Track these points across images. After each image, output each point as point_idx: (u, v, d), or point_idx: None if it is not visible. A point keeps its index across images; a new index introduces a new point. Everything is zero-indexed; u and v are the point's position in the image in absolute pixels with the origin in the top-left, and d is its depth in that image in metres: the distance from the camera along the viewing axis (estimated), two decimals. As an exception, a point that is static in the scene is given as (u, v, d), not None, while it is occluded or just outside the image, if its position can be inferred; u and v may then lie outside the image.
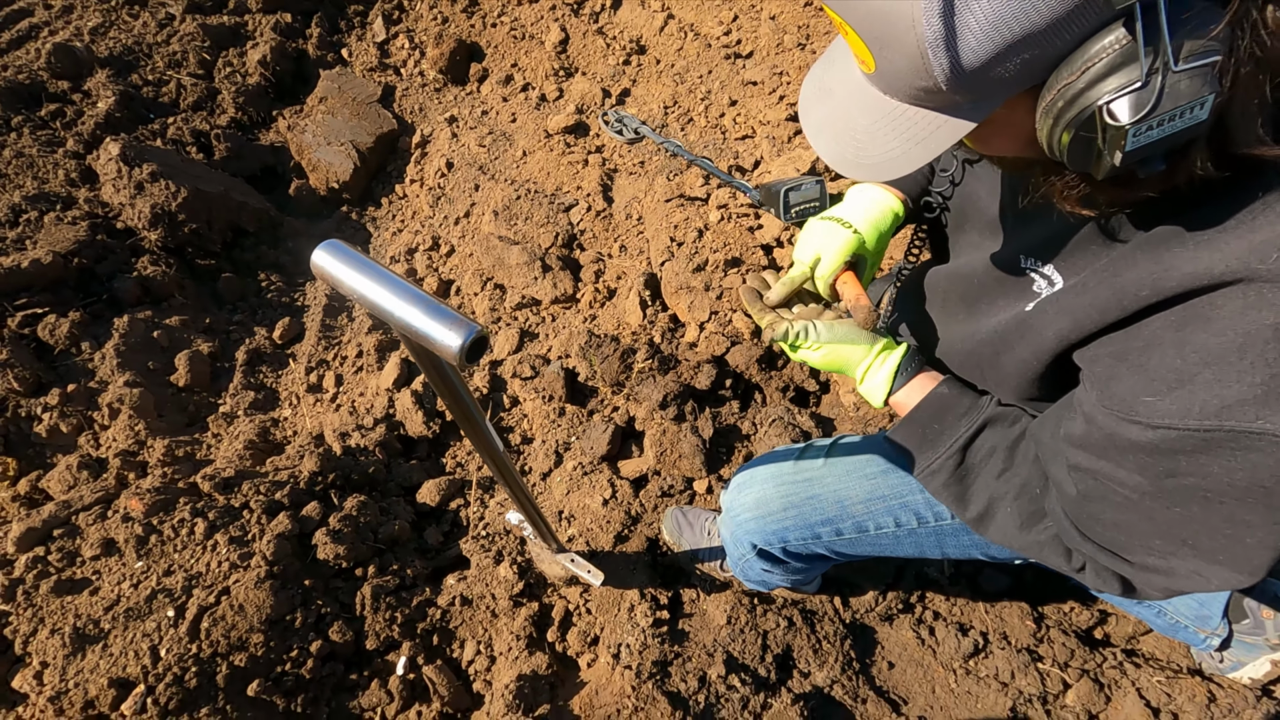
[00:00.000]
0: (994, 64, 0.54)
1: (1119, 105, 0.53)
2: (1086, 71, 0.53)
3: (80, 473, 2.08)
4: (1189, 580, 0.74)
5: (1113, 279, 0.69)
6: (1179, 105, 0.51)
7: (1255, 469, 0.61)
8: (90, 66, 3.31)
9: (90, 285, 2.63)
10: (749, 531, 1.31)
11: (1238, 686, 1.46)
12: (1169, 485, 0.68)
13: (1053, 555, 0.87)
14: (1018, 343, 0.82)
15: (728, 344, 2.11)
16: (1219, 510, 0.67)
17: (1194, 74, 0.50)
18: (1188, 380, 0.63)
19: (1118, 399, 0.69)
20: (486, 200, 2.93)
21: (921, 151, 0.64)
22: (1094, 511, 0.78)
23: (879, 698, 1.54)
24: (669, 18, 3.36)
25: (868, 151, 0.67)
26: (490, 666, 1.65)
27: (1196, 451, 0.64)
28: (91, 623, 1.56)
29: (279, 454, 2.21)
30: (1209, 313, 0.61)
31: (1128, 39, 0.50)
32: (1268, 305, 0.58)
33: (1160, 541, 0.74)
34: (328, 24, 3.80)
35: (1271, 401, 0.58)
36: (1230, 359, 0.60)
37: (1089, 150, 0.57)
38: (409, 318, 0.64)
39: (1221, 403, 0.61)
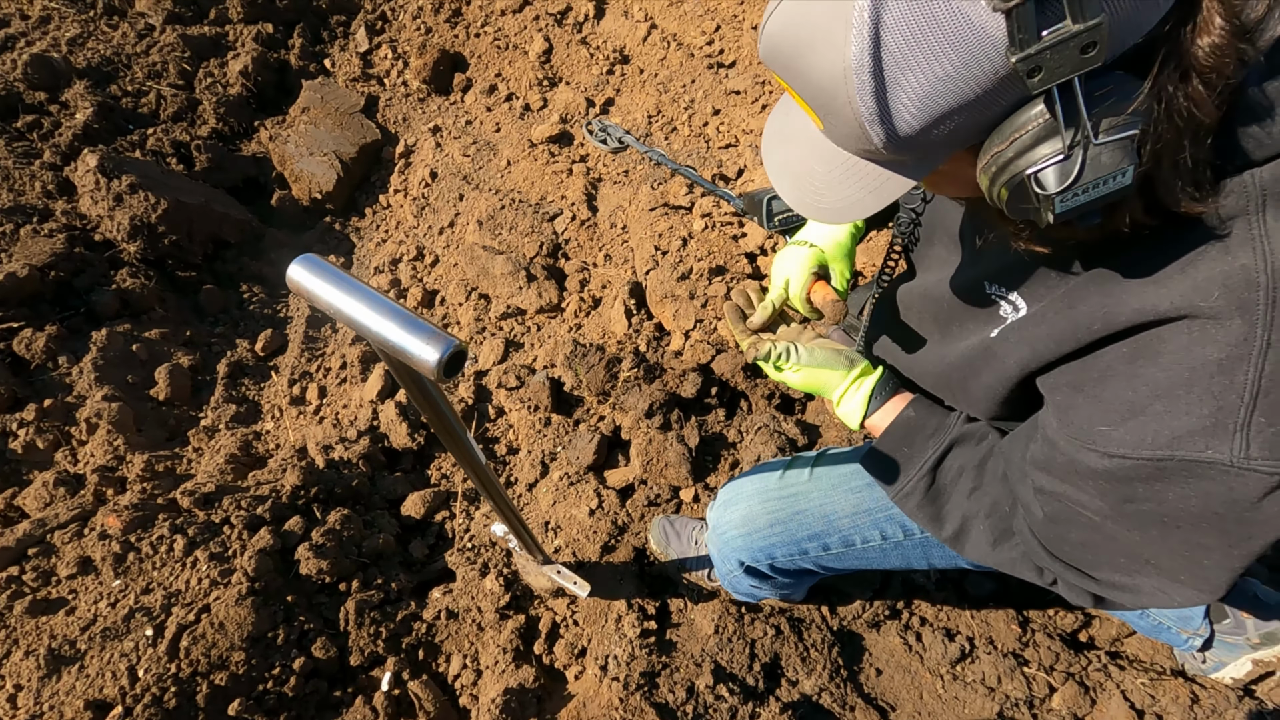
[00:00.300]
0: (928, 130, 0.57)
1: (1045, 175, 0.55)
2: (1015, 141, 0.55)
3: (57, 489, 2.04)
4: (1154, 597, 0.77)
5: (1068, 310, 0.71)
6: (1101, 175, 0.54)
7: (1207, 496, 0.64)
8: (68, 77, 3.27)
9: (68, 298, 2.59)
10: (736, 549, 1.31)
11: (1220, 687, 1.47)
12: (1128, 510, 0.71)
13: (1025, 570, 0.90)
14: (983, 369, 0.84)
15: (713, 352, 2.11)
16: (1177, 534, 0.69)
17: (1114, 146, 0.53)
18: (1140, 411, 0.65)
19: (1076, 427, 0.72)
20: (471, 210, 2.93)
21: (874, 200, 0.67)
22: (1060, 532, 0.80)
23: (867, 705, 1.54)
24: (652, 28, 3.38)
25: (826, 197, 0.70)
26: (477, 680, 1.63)
27: (1151, 479, 0.67)
28: (67, 643, 1.53)
29: (261, 468, 2.19)
30: (1158, 346, 0.64)
31: (1049, 115, 0.53)
32: (1211, 341, 0.60)
33: (1125, 560, 0.76)
34: (310, 34, 3.78)
35: (1219, 432, 0.61)
36: (1178, 392, 0.63)
37: (1025, 208, 0.59)
38: (385, 332, 0.63)
39: (1172, 433, 0.63)
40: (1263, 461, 0.60)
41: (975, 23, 0.50)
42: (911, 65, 0.53)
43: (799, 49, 0.58)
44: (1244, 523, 0.65)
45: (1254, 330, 0.58)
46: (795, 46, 0.58)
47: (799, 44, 0.57)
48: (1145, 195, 0.59)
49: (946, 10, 0.50)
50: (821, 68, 0.56)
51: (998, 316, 0.83)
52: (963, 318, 0.90)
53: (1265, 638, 1.37)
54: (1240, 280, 0.59)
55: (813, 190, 0.70)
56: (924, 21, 0.51)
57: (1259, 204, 0.58)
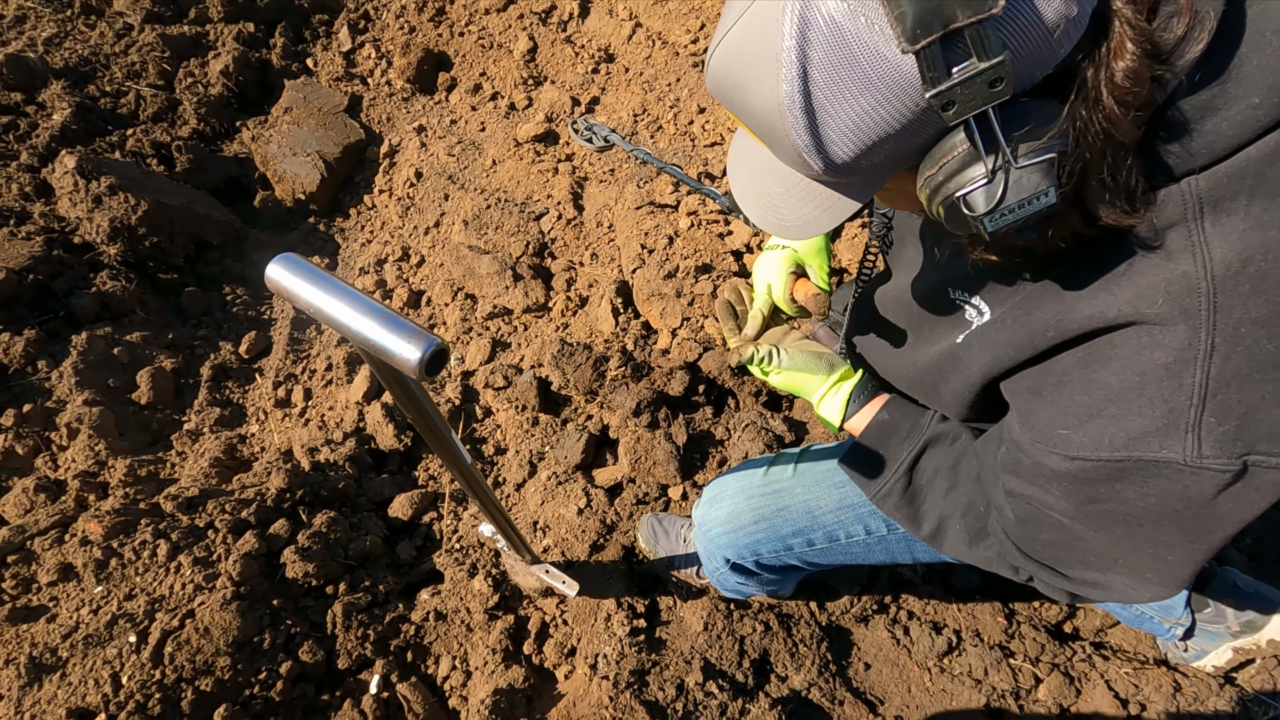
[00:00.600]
0: (863, 158, 0.60)
1: (973, 197, 0.58)
2: (943, 166, 0.58)
3: (38, 495, 2.01)
4: (1124, 593, 0.80)
5: (1025, 317, 0.73)
6: (1024, 196, 0.57)
7: (1165, 494, 0.66)
8: (45, 78, 3.22)
9: (46, 302, 2.55)
10: (721, 546, 1.31)
11: (1202, 675, 1.50)
12: (1092, 510, 0.73)
13: (1001, 568, 0.92)
14: (950, 373, 0.87)
15: (700, 350, 2.11)
16: (1140, 532, 0.72)
17: (1035, 169, 0.56)
18: (1096, 415, 0.67)
19: (1037, 431, 0.74)
20: (456, 210, 2.91)
21: (829, 218, 0.70)
22: (1032, 533, 0.83)
23: (856, 699, 1.55)
24: (637, 26, 3.37)
25: (785, 215, 0.73)
26: (466, 682, 1.63)
27: (1111, 480, 0.69)
28: (49, 651, 1.51)
29: (246, 471, 2.17)
30: (1109, 352, 0.66)
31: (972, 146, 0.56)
32: (1158, 346, 0.63)
33: (1095, 559, 0.79)
34: (292, 33, 3.75)
35: (1172, 432, 0.63)
36: (1130, 395, 0.65)
37: (965, 225, 0.62)
38: (367, 331, 0.63)
39: (1128, 435, 0.65)
40: (1214, 460, 0.62)
41: (892, 61, 0.52)
42: (838, 100, 0.56)
43: (738, 85, 0.61)
44: (1201, 519, 0.67)
45: (1198, 335, 0.60)
46: (735, 83, 0.61)
47: (738, 81, 0.61)
48: (1078, 210, 0.61)
49: (865, 50, 0.53)
50: (758, 102, 0.60)
51: (964, 321, 0.85)
52: (932, 322, 0.92)
53: (1245, 626, 1.39)
54: (1182, 287, 0.60)
55: (773, 209, 0.74)
56: (846, 61, 0.54)
57: (1196, 212, 0.60)
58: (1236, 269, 0.59)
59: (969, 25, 0.49)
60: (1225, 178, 0.59)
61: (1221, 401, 0.61)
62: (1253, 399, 0.60)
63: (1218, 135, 0.58)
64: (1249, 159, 0.58)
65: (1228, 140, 0.58)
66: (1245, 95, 0.56)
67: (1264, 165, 0.58)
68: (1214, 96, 0.57)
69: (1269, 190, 0.58)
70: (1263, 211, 0.58)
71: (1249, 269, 0.58)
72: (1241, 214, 0.59)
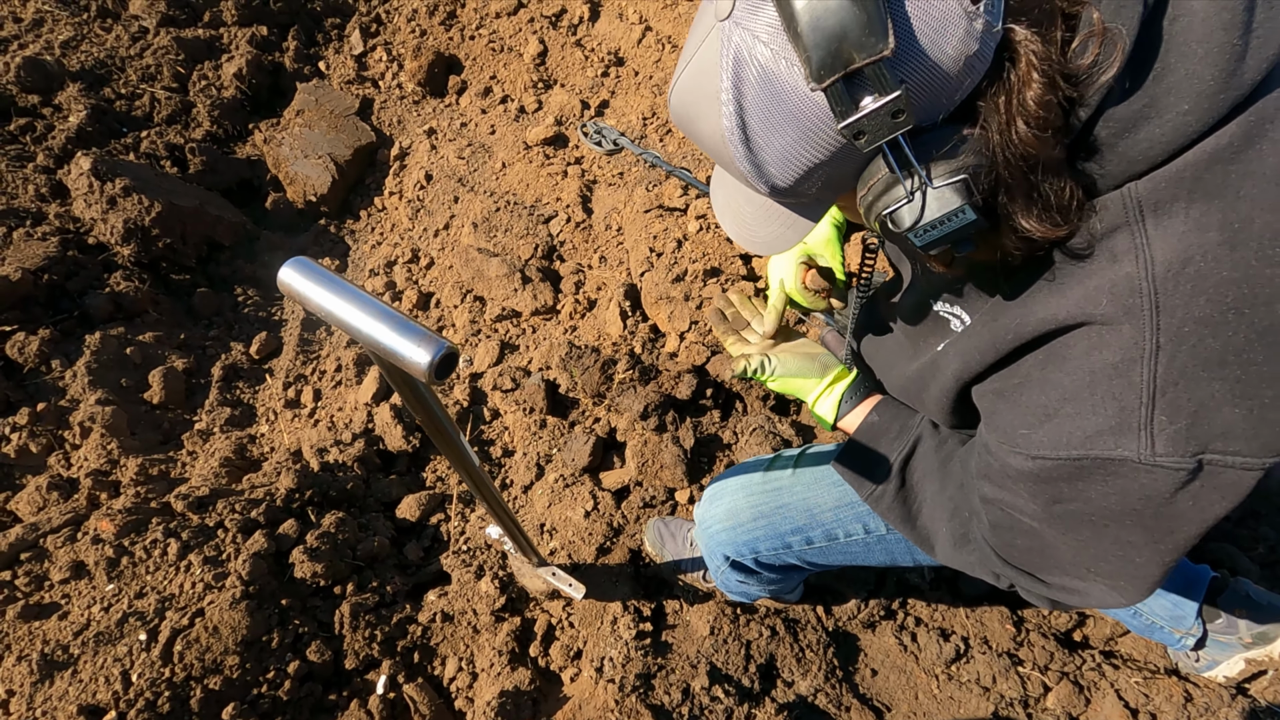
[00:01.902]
0: (801, 184, 0.67)
1: (897, 215, 0.63)
2: (871, 188, 0.64)
3: (50, 494, 2.03)
4: (1101, 598, 0.80)
5: (991, 323, 0.75)
6: (943, 214, 0.61)
7: (1125, 493, 0.67)
8: (61, 80, 3.26)
9: (61, 302, 2.58)
10: (721, 543, 1.32)
11: (1214, 685, 1.48)
12: (1058, 511, 0.74)
13: (983, 574, 0.93)
14: (932, 381, 0.88)
15: (708, 353, 2.11)
16: (1106, 533, 0.73)
17: (950, 189, 0.60)
18: (1053, 414, 0.69)
19: (1001, 432, 0.76)
20: (466, 212, 2.93)
21: (792, 233, 0.76)
22: (1008, 539, 0.84)
23: (862, 705, 1.54)
24: (646, 30, 3.38)
25: (756, 232, 0.79)
26: (472, 683, 1.63)
27: (1073, 479, 0.70)
28: (60, 648, 1.52)
29: (256, 471, 2.18)
30: (1063, 353, 0.68)
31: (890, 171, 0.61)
32: (1106, 345, 0.64)
33: (1070, 565, 0.80)
34: (304, 37, 3.78)
35: (1125, 431, 0.64)
36: (1083, 395, 0.66)
37: (905, 242, 0.66)
38: (377, 334, 0.63)
39: (1084, 434, 0.66)
40: (1168, 458, 0.63)
41: (810, 98, 0.58)
42: (770, 132, 0.62)
43: (691, 118, 0.68)
44: (1162, 518, 0.68)
45: (1143, 334, 0.62)
46: (689, 116, 0.68)
47: (690, 115, 0.68)
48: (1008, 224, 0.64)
49: (788, 89, 0.59)
50: (707, 133, 0.67)
51: (949, 331, 0.87)
52: (923, 332, 0.94)
53: (1258, 637, 1.38)
54: (1125, 288, 0.62)
55: (746, 226, 0.80)
56: (773, 98, 0.60)
57: (1137, 215, 0.62)
58: (1177, 269, 0.60)
59: (865, 65, 0.53)
60: (1164, 182, 0.61)
61: (1171, 400, 0.62)
62: (1202, 397, 0.61)
63: (1153, 142, 0.60)
64: (1186, 164, 0.60)
65: (1164, 146, 0.60)
66: (1175, 103, 0.58)
67: (1200, 169, 0.59)
68: (1145, 105, 0.59)
69: (1207, 193, 0.59)
70: (1201, 214, 0.59)
71: (1189, 269, 0.60)
72: (1181, 216, 0.60)
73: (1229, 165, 0.59)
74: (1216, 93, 0.57)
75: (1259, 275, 0.58)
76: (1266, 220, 0.58)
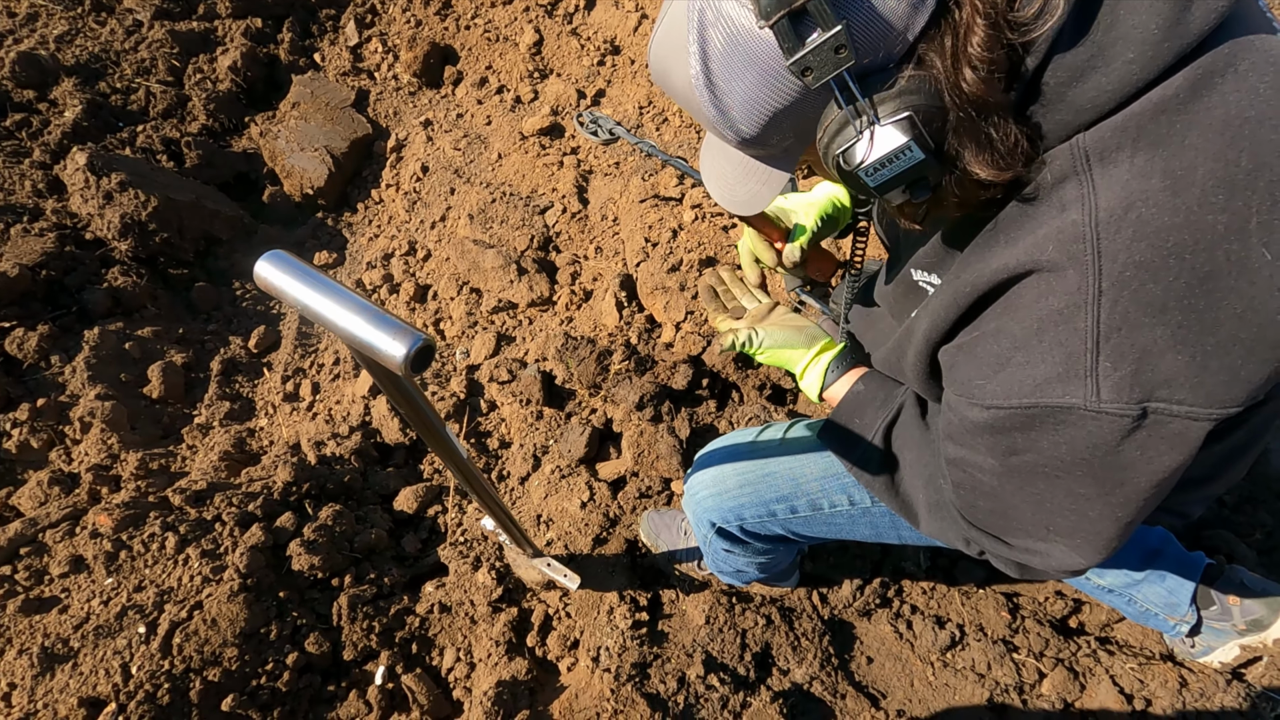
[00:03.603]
0: (768, 132, 0.70)
1: (849, 154, 0.66)
2: (826, 129, 0.67)
3: (51, 489, 2.05)
4: (1062, 558, 0.81)
5: (955, 280, 0.76)
6: (891, 150, 0.64)
7: (1073, 442, 0.69)
8: (56, 75, 3.25)
9: (59, 297, 2.59)
10: (707, 509, 1.32)
11: (1208, 671, 1.48)
12: (1014, 464, 0.76)
13: (955, 540, 0.94)
14: (908, 347, 0.89)
15: (704, 343, 2.11)
16: (1059, 485, 0.74)
17: (896, 125, 0.63)
18: (1005, 364, 0.70)
19: (959, 384, 0.77)
20: (462, 204, 2.92)
21: (768, 190, 0.79)
22: (970, 499, 0.86)
23: (858, 693, 1.55)
24: (643, 18, 3.35)
25: (736, 191, 0.82)
26: (470, 673, 1.64)
27: (1026, 428, 0.71)
28: (60, 641, 1.54)
29: (255, 465, 2.19)
30: (1015, 302, 0.69)
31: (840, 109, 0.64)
32: (1052, 292, 0.65)
33: (1030, 525, 0.81)
34: (299, 28, 3.76)
35: (1072, 378, 0.65)
36: (1032, 343, 0.67)
37: (861, 186, 0.69)
38: (352, 328, 0.63)
39: (1034, 381, 0.68)
40: (1112, 404, 0.64)
41: (761, 38, 0.62)
42: (731, 77, 0.66)
43: (666, 71, 0.71)
44: (1110, 467, 0.69)
45: (1086, 280, 0.63)
46: (663, 69, 0.72)
47: (664, 64, 0.71)
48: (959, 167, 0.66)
49: (743, 31, 0.62)
50: (678, 83, 0.70)
51: (924, 297, 0.89)
52: (904, 304, 0.95)
53: (1251, 624, 1.37)
54: (1070, 234, 0.63)
55: (727, 185, 0.83)
56: (732, 42, 0.63)
57: (1084, 165, 0.63)
58: (1119, 215, 0.61)
59: (808, 1, 0.56)
60: (1109, 131, 0.62)
61: (1115, 346, 0.63)
62: (1145, 342, 0.62)
63: (1099, 91, 0.61)
64: (1131, 114, 0.61)
65: (1110, 95, 0.61)
66: (1121, 52, 0.60)
67: (1145, 119, 0.61)
68: (1093, 55, 0.61)
69: (1150, 142, 0.61)
70: (1145, 162, 0.61)
71: (1130, 214, 0.61)
72: (1126, 165, 0.62)
73: (1174, 116, 0.60)
74: (1160, 41, 0.59)
75: (1200, 221, 0.59)
76: (1210, 168, 0.59)
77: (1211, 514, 1.74)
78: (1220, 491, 1.07)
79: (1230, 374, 0.62)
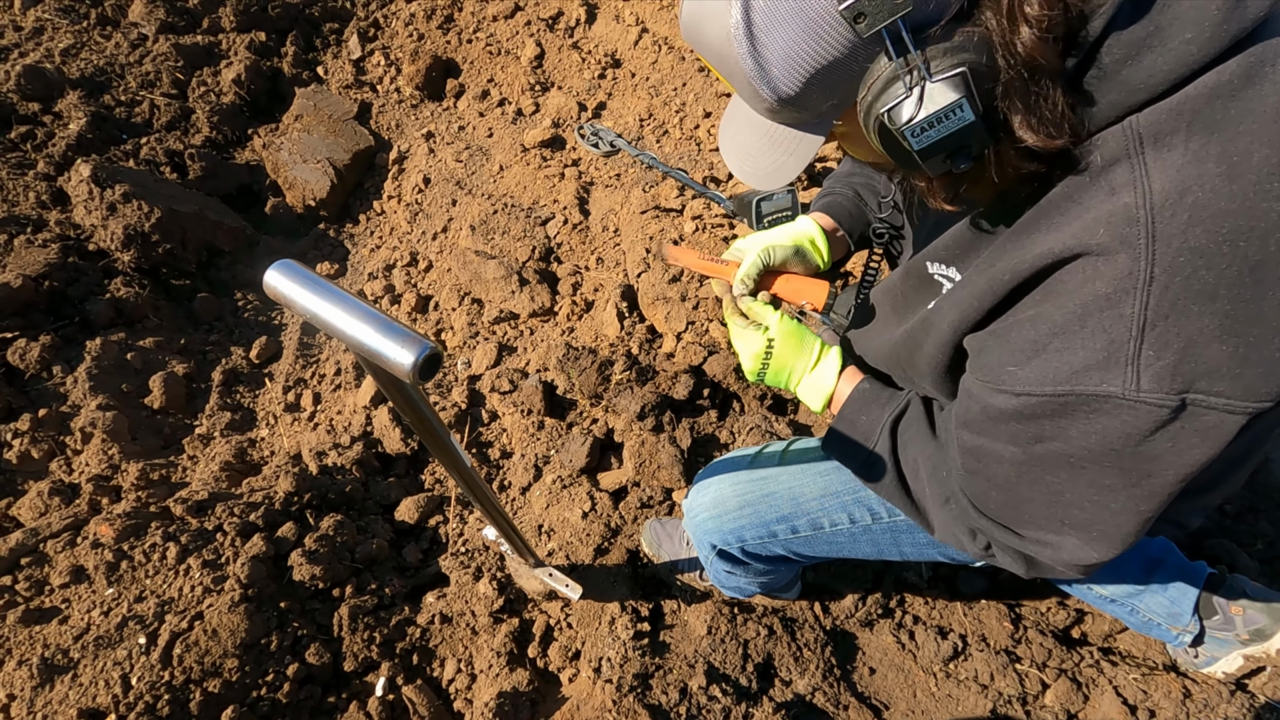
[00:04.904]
0: (808, 90, 0.66)
1: (896, 111, 0.64)
2: (871, 87, 0.64)
3: (52, 499, 2.04)
4: (1074, 551, 0.80)
5: (989, 269, 0.75)
6: (940, 109, 0.62)
7: (1105, 431, 0.67)
8: (61, 88, 3.28)
9: (62, 308, 2.60)
10: (707, 531, 1.32)
11: (1212, 681, 1.48)
12: (1038, 452, 0.74)
13: (961, 532, 0.93)
14: (924, 339, 0.88)
15: (705, 354, 2.11)
16: (1083, 476, 0.72)
17: (948, 83, 0.61)
18: (1042, 350, 0.69)
19: (987, 370, 0.76)
20: (464, 215, 2.94)
21: (795, 162, 0.75)
22: (983, 489, 0.84)
23: (860, 704, 1.54)
24: (643, 31, 3.39)
25: (758, 163, 0.78)
26: (471, 685, 1.63)
27: (1056, 415, 0.70)
28: (60, 652, 1.53)
29: (256, 475, 2.19)
30: (1058, 288, 0.68)
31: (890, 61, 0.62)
32: (1100, 276, 0.64)
33: (1045, 516, 0.80)
34: (303, 42, 3.80)
35: (1112, 365, 0.64)
36: (1073, 328, 0.66)
37: (901, 151, 0.67)
38: (361, 336, 0.64)
39: (1071, 369, 0.66)
40: (1151, 394, 0.63)
41: None
42: (774, 26, 0.62)
43: (699, 23, 0.68)
44: (1139, 458, 0.68)
45: (1137, 264, 0.61)
46: (697, 22, 0.68)
47: (699, 20, 0.68)
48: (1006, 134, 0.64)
49: None
50: (713, 35, 0.66)
51: (939, 291, 0.88)
52: (911, 300, 0.95)
53: (1254, 634, 1.37)
54: (1122, 217, 0.62)
55: (749, 159, 0.79)
56: None
57: (1137, 147, 0.62)
58: (1174, 199, 0.60)
59: None
60: (1164, 114, 0.61)
61: (1160, 334, 0.62)
62: (1191, 331, 0.61)
63: (1154, 70, 0.60)
64: (1186, 97, 0.60)
65: (1165, 75, 0.60)
66: (1179, 31, 0.59)
67: (1200, 102, 0.60)
68: (1149, 34, 0.60)
69: (1206, 126, 0.60)
70: (1200, 146, 0.60)
71: (1186, 199, 0.60)
72: (1181, 148, 0.60)
73: (1229, 101, 0.59)
74: (1220, 23, 0.58)
75: (1255, 208, 0.59)
76: (1265, 155, 0.58)
77: (1213, 523, 1.75)
78: (1218, 502, 1.07)
79: (1269, 366, 0.61)
